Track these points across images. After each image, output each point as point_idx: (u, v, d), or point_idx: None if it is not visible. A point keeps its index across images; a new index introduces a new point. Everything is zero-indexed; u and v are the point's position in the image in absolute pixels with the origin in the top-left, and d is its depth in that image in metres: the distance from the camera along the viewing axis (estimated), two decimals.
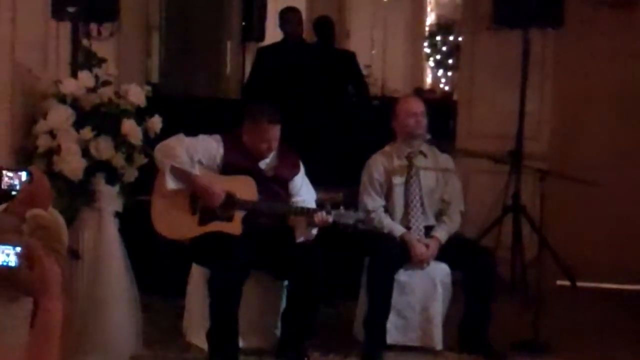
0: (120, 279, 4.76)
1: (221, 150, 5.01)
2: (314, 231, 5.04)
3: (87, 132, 4.59)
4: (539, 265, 5.54)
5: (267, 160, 5.10)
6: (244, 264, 4.81)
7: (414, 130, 5.32)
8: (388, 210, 5.33)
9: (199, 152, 4.96)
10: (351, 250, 5.46)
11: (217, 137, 5.06)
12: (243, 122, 5.07)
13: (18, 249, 2.05)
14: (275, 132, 5.01)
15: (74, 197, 4.62)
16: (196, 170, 4.93)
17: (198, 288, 5.08)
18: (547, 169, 5.61)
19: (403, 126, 5.35)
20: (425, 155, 5.40)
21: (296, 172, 5.17)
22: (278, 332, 5.06)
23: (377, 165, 5.38)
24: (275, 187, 5.08)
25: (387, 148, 5.45)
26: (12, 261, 2.05)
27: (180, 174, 4.91)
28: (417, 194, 5.33)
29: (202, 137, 5.04)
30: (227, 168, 5.00)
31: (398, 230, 5.25)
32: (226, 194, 4.93)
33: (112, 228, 4.76)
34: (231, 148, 5.03)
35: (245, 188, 4.98)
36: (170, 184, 4.90)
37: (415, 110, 5.35)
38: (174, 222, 4.97)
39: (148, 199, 5.02)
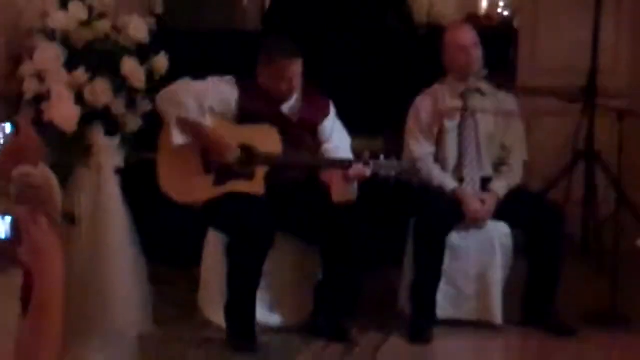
0: (124, 247, 4.81)
1: (236, 94, 5.01)
2: (355, 188, 5.04)
3: (80, 74, 4.62)
4: (617, 223, 5.51)
5: (291, 102, 5.10)
6: (268, 229, 4.85)
7: (465, 66, 5.30)
8: (438, 159, 5.33)
9: (209, 98, 4.96)
10: (394, 209, 5.48)
11: (230, 78, 5.05)
12: (257, 60, 5.07)
13: (7, 219, 2.07)
14: (295, 67, 5.00)
15: (68, 151, 4.66)
16: (207, 121, 4.95)
17: (215, 256, 5.11)
18: (626, 108, 5.58)
19: (452, 61, 5.33)
20: (482, 94, 5.38)
21: (326, 114, 5.18)
22: (312, 305, 5.11)
23: (426, 106, 5.37)
24: (302, 134, 5.10)
25: (436, 86, 5.43)
26: (1, 232, 2.07)
27: (189, 126, 4.92)
28: (472, 140, 5.32)
29: (211, 80, 5.03)
30: (244, 115, 5.01)
31: (450, 183, 5.24)
32: (244, 146, 4.96)
33: (112, 187, 4.80)
34: (247, 91, 5.03)
35: (266, 138, 4.99)
36: (178, 138, 4.92)
37: (465, 43, 5.32)
38: (185, 184, 4.99)
39: (154, 156, 5.05)
